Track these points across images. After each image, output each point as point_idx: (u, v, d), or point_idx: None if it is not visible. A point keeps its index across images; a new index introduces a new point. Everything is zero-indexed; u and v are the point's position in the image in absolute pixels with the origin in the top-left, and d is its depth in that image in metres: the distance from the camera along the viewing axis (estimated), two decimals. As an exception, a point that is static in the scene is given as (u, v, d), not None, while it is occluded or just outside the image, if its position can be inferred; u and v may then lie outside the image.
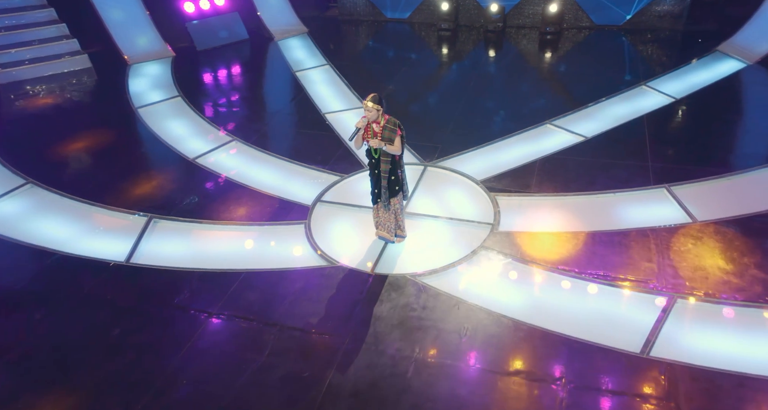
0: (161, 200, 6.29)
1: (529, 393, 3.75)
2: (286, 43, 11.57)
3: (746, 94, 8.25)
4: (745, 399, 3.56)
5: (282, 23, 12.22)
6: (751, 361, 3.82)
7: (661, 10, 10.44)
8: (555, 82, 9.37)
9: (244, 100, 9.22)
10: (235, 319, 4.58)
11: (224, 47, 11.44)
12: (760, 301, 4.29)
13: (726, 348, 3.95)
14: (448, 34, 11.66)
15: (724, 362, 3.82)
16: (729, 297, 4.35)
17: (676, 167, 6.16)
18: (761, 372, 3.72)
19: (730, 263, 4.71)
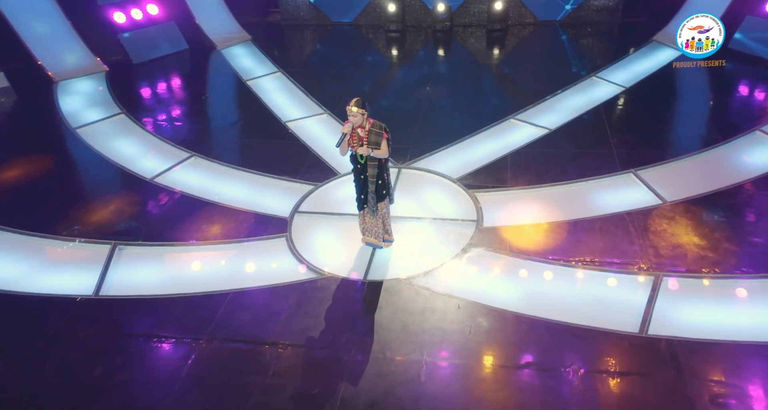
0: (124, 225, 5.96)
1: (543, 383, 3.88)
2: (230, 51, 11.30)
3: (685, 81, 8.93)
4: (742, 365, 3.87)
5: (223, 31, 11.92)
6: (738, 329, 4.14)
7: (598, 4, 11.13)
8: (510, 78, 9.73)
9: (196, 113, 8.91)
10: (230, 342, 4.43)
11: (163, 59, 11.00)
12: (737, 272, 4.66)
13: (715, 318, 4.27)
14: (397, 36, 11.83)
15: (716, 332, 4.12)
16: (709, 271, 4.71)
17: (639, 153, 6.59)
18: (750, 338, 4.05)
19: (704, 239, 5.09)
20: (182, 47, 11.43)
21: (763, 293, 4.46)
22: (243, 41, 11.78)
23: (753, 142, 6.63)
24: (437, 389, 3.92)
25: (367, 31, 12.29)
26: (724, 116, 7.63)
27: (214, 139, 7.81)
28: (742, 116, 7.49)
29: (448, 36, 11.56)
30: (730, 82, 8.57)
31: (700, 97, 8.32)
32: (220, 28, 11.95)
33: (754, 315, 4.28)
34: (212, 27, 11.85)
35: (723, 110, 7.83)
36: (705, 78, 8.87)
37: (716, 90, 8.41)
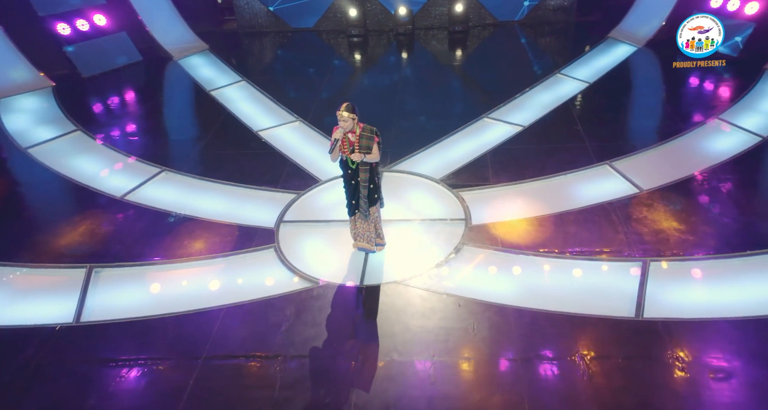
0: (98, 247, 5.74)
1: (553, 373, 4.02)
2: (188, 61, 11.09)
3: (644, 74, 9.48)
4: (735, 340, 4.14)
5: (178, 41, 11.68)
6: (727, 306, 4.43)
7: (554, 4, 11.62)
8: (476, 78, 10.00)
9: (161, 127, 8.70)
10: (231, 359, 4.35)
11: (116, 71, 10.68)
12: (717, 253, 4.98)
13: (703, 298, 4.55)
14: (359, 40, 11.93)
15: (707, 310, 4.40)
16: (691, 253, 5.01)
17: (611, 144, 6.93)
18: (737, 313, 4.34)
19: (683, 223, 5.41)
20: (136, 59, 11.12)
21: (744, 271, 4.79)
22: (200, 51, 11.58)
23: (714, 130, 7.10)
24: (449, 388, 3.99)
25: (329, 37, 12.33)
26: (684, 106, 8.12)
27: (184, 152, 7.63)
28: (701, 105, 8.01)
29: (411, 39, 11.77)
30: (685, 74, 9.14)
31: (659, 90, 8.83)
32: (175, 37, 11.72)
33: (739, 291, 4.58)
34: (167, 37, 11.59)
35: (682, 101, 8.34)
36: (662, 72, 9.42)
37: (673, 83, 8.95)
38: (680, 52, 8.34)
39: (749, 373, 3.89)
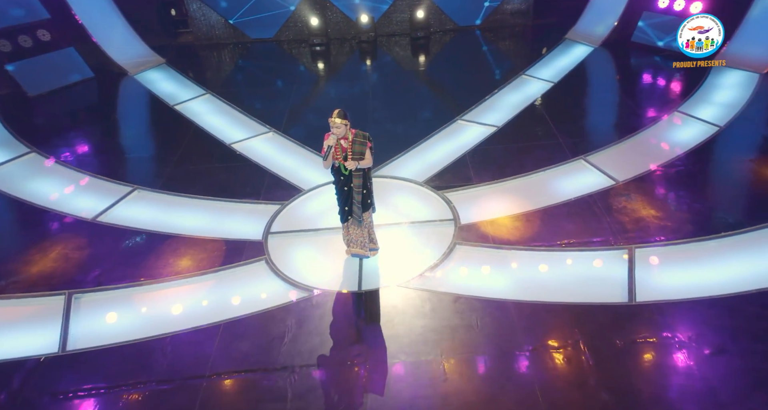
0: (74, 272, 5.55)
1: (560, 361, 4.20)
2: (145, 76, 10.86)
3: (603, 72, 10.03)
4: (723, 316, 4.46)
5: (132, 56, 11.44)
6: (712, 285, 4.76)
7: (511, 8, 12.11)
8: (444, 82, 10.25)
9: (126, 144, 8.48)
10: (237, 374, 4.31)
11: (67, 89, 10.34)
12: (696, 237, 5.34)
13: (689, 279, 4.87)
14: (323, 49, 12.03)
15: (695, 291, 4.71)
16: (672, 238, 5.35)
17: (583, 140, 7.30)
18: (721, 291, 4.67)
19: (660, 210, 5.77)
20: (87, 75, 10.80)
21: (719, 252, 5.16)
22: (157, 65, 11.37)
23: (676, 121, 7.60)
24: (461, 383, 4.10)
25: (290, 47, 12.37)
26: (644, 101, 8.66)
27: (155, 169, 7.47)
28: (660, 100, 8.56)
29: (374, 46, 11.97)
30: (641, 70, 9.75)
31: (619, 87, 9.38)
32: (128, 52, 11.46)
33: (718, 271, 4.93)
34: (119, 52, 11.33)
35: (642, 96, 8.89)
36: (619, 70, 10.00)
37: (631, 79, 9.51)
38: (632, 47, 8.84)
39: (739, 347, 4.20)
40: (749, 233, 5.34)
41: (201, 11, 12.49)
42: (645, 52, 10.20)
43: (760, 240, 5.25)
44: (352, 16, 12.05)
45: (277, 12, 12.24)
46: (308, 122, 8.69)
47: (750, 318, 4.43)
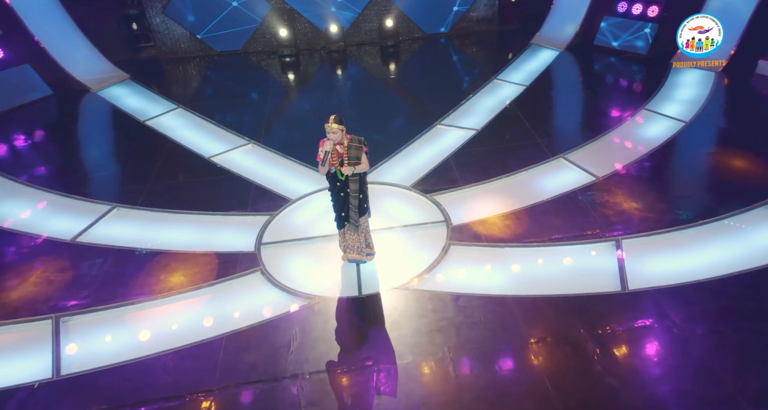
0: (58, 295, 5.41)
1: (565, 351, 4.38)
2: (109, 93, 10.67)
3: (571, 74, 10.49)
4: (710, 298, 4.76)
5: (94, 72, 11.23)
6: (694, 271, 5.07)
7: (477, 16, 12.54)
8: (418, 88, 10.47)
9: (99, 162, 8.28)
10: (246, 386, 4.30)
11: (26, 107, 10.04)
12: (676, 226, 5.68)
13: (676, 265, 5.17)
14: (293, 60, 12.11)
15: (680, 276, 5.00)
16: (655, 228, 5.67)
17: (560, 139, 7.64)
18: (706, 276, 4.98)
19: (640, 203, 6.11)
20: (46, 93, 10.52)
21: (699, 239, 5.50)
22: (121, 80, 11.19)
23: (646, 119, 8.04)
24: (474, 379, 4.23)
25: (259, 59, 12.39)
26: (613, 100, 9.12)
27: (133, 186, 7.33)
28: (627, 99, 9.04)
29: (344, 56, 12.13)
30: (606, 71, 10.27)
31: (588, 87, 9.85)
32: (89, 68, 11.24)
33: (703, 257, 5.26)
34: (79, 68, 11.09)
35: (610, 96, 9.36)
36: (585, 71, 10.50)
37: (598, 80, 10.00)
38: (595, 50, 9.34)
39: (728, 326, 4.49)
40: (724, 220, 5.71)
41: (165, 25, 12.39)
42: (607, 54, 10.76)
43: (735, 226, 5.63)
44: (321, 27, 12.20)
45: (245, 26, 12.27)
46: (287, 133, 8.74)
47: (735, 299, 4.74)
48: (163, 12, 12.20)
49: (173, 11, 12.12)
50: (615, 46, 10.74)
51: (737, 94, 8.97)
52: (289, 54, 12.13)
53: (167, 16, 12.22)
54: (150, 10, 12.18)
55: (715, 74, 9.42)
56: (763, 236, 5.46)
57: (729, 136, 7.66)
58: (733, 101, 8.77)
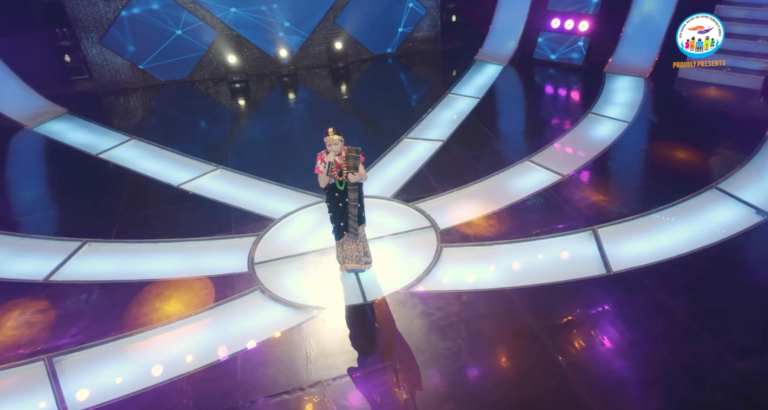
0: (43, 336, 5.22)
1: (571, 333, 4.80)
2: (48, 128, 10.34)
3: (517, 86, 11.38)
4: (683, 272, 5.40)
5: (26, 107, 10.86)
6: (664, 249, 5.73)
7: (421, 36, 13.32)
8: (376, 106, 10.91)
9: (55, 200, 8.01)
10: (273, 398, 4.38)
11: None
12: (642, 212, 6.37)
13: (648, 246, 5.80)
14: (243, 86, 12.25)
15: (653, 256, 5.63)
16: (624, 215, 6.33)
17: (521, 144, 8.30)
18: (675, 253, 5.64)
19: (606, 195, 6.80)
20: (-30, 131, 10.04)
21: (662, 222, 6.21)
22: (58, 115, 10.88)
23: (593, 122, 8.92)
24: (492, 366, 4.54)
25: (207, 86, 12.43)
26: (561, 107, 10.02)
27: (101, 220, 7.15)
28: (573, 105, 9.96)
29: (296, 80, 12.44)
30: (550, 81, 11.23)
31: (537, 96, 10.77)
32: (19, 104, 10.88)
33: (669, 237, 5.94)
34: (8, 104, 10.69)
35: (558, 104, 10.27)
36: (532, 82, 11.43)
37: (544, 89, 10.90)
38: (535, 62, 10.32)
39: (705, 295, 5.14)
40: (679, 205, 6.48)
41: (102, 56, 12.19)
42: (547, 67, 11.79)
43: (689, 208, 6.40)
44: (270, 52, 12.47)
45: (190, 54, 12.31)
46: (254, 156, 8.84)
47: (705, 271, 5.42)
48: (100, 43, 12.03)
49: (111, 42, 11.98)
50: (553, 59, 11.79)
51: (666, 96, 10.12)
52: (239, 80, 12.27)
53: (105, 47, 12.06)
54: (85, 42, 11.97)
55: (644, 80, 10.58)
56: (715, 215, 6.25)
57: (667, 132, 8.65)
58: (664, 102, 9.89)
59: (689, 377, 4.30)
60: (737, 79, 10.07)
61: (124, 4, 11.69)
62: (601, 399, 4.14)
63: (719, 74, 10.23)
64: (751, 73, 10.00)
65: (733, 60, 10.12)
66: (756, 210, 6.29)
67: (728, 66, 10.09)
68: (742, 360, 4.41)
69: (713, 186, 6.80)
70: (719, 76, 10.24)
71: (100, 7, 11.68)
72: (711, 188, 6.78)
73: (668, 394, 4.17)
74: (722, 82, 10.18)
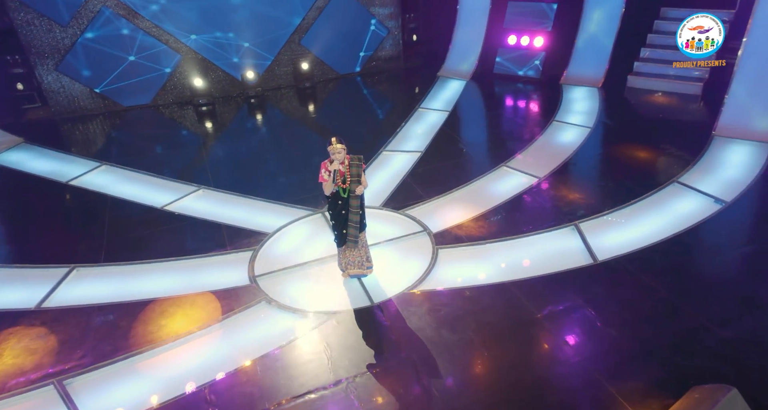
0: (47, 362, 5.19)
1: (572, 319, 5.24)
2: (6, 158, 10.09)
3: (484, 99, 12.09)
4: (661, 257, 6.00)
5: (-24, 138, 10.59)
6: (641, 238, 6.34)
7: (384, 55, 13.91)
8: (349, 123, 11.23)
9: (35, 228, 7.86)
10: (298, 398, 4.55)
11: None
12: (614, 207, 7.00)
13: (625, 237, 6.39)
14: (210, 109, 12.37)
15: (632, 244, 6.22)
16: (601, 209, 6.94)
17: (495, 152, 8.87)
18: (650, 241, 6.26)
19: (581, 193, 7.41)
20: None
21: (635, 214, 6.85)
22: (14, 145, 10.65)
23: (558, 129, 9.65)
24: (503, 352, 4.90)
25: (172, 111, 12.46)
26: (526, 116, 10.75)
27: (86, 245, 7.08)
28: (537, 114, 10.70)
29: (263, 100, 12.69)
30: (512, 94, 11.99)
31: (502, 108, 11.48)
32: (-29, 135, 10.59)
33: (643, 227, 6.56)
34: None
35: (522, 114, 10.99)
36: (495, 95, 12.17)
37: (507, 101, 11.62)
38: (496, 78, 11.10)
39: (685, 273, 5.74)
40: (648, 198, 7.16)
41: (59, 83, 12.04)
42: (507, 81, 12.59)
43: (657, 201, 7.09)
44: (236, 74, 12.69)
45: (151, 76, 12.34)
46: (234, 175, 8.97)
47: (681, 254, 6.05)
48: (57, 70, 11.90)
49: (68, 68, 11.88)
50: (512, 73, 12.62)
51: (619, 104, 11.04)
52: (206, 103, 12.39)
53: (62, 73, 11.93)
54: (40, 68, 11.80)
55: (597, 89, 11.52)
56: (680, 206, 6.96)
57: (626, 135, 9.45)
58: (618, 109, 10.79)
59: (681, 347, 4.82)
60: (680, 87, 11.15)
61: (83, 29, 11.66)
62: (607, 373, 4.58)
63: (663, 82, 11.30)
64: (691, 81, 11.10)
65: (675, 69, 11.23)
66: (715, 199, 7.05)
67: (671, 75, 11.19)
68: (723, 329, 4.98)
69: (675, 181, 7.55)
70: (664, 84, 11.31)
71: (57, 33, 11.59)
72: (673, 182, 7.52)
73: (666, 364, 4.66)
74: (667, 90, 11.23)
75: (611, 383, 4.48)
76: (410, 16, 14.01)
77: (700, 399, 3.85)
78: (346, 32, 13.35)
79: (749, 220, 6.88)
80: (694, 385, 4.23)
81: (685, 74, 11.16)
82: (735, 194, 7.16)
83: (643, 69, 11.72)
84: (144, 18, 11.82)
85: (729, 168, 7.93)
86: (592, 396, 4.41)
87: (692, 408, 3.74)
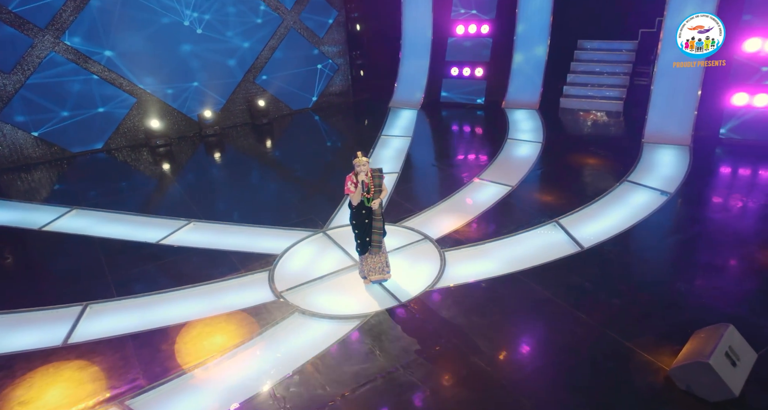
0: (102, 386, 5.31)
1: (576, 294, 6.17)
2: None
3: (438, 124, 13.27)
4: (635, 240, 7.19)
5: None
6: (614, 226, 7.52)
7: (335, 90, 14.85)
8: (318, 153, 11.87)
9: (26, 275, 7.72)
10: (361, 387, 5.03)
11: None
12: (584, 203, 8.19)
13: (601, 226, 7.55)
14: (168, 149, 12.55)
15: (608, 232, 7.37)
16: (580, 204, 8.10)
17: (465, 168, 9.92)
18: (623, 227, 7.45)
19: (554, 196, 8.56)
20: None
21: (603, 207, 8.08)
22: (-41, 199, 10.27)
23: (514, 145, 10.95)
24: (531, 326, 5.73)
25: (128, 154, 12.48)
26: (483, 136, 12.08)
27: (90, 286, 7.05)
28: (492, 134, 12.00)
29: (222, 139, 13.07)
30: (463, 119, 13.30)
31: (458, 131, 12.79)
32: None
33: (612, 217, 7.77)
34: None
35: (479, 133, 12.30)
36: (448, 120, 13.41)
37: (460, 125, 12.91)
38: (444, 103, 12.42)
39: (660, 248, 6.93)
40: (608, 195, 8.46)
41: (0, 132, 11.75)
42: (454, 108, 13.96)
43: (616, 196, 8.40)
44: (192, 115, 13.02)
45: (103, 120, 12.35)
46: (220, 206, 9.30)
47: (651, 236, 7.28)
48: (-2, 119, 11.64)
49: (10, 116, 11.66)
50: (458, 101, 13.99)
51: (557, 121, 12.65)
52: (164, 144, 12.56)
53: (3, 122, 11.68)
54: (-21, 118, 11.50)
55: (536, 111, 13.12)
56: (636, 198, 8.30)
57: (573, 146, 10.91)
58: (559, 125, 12.37)
59: (677, 306, 5.89)
60: (605, 105, 13.00)
61: (27, 75, 11.58)
62: (620, 334, 5.50)
63: (590, 102, 13.13)
64: (613, 99, 12.99)
65: (598, 91, 13.11)
66: (660, 192, 8.46)
67: (596, 96, 13.04)
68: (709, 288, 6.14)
69: (624, 179, 8.95)
70: (591, 103, 13.13)
71: (-1, 81, 11.43)
72: (623, 181, 8.91)
73: (665, 319, 5.69)
74: (594, 108, 13.04)
75: (627, 339, 5.41)
76: (357, 53, 15.15)
77: (706, 337, 4.83)
78: (298, 70, 14.19)
79: (691, 205, 8.33)
80: (695, 330, 5.26)
81: (607, 95, 13.06)
82: (675, 186, 8.64)
83: (571, 91, 13.53)
84: (96, 62, 11.96)
85: (663, 167, 9.51)
86: (613, 350, 5.31)
87: (703, 345, 4.71)
